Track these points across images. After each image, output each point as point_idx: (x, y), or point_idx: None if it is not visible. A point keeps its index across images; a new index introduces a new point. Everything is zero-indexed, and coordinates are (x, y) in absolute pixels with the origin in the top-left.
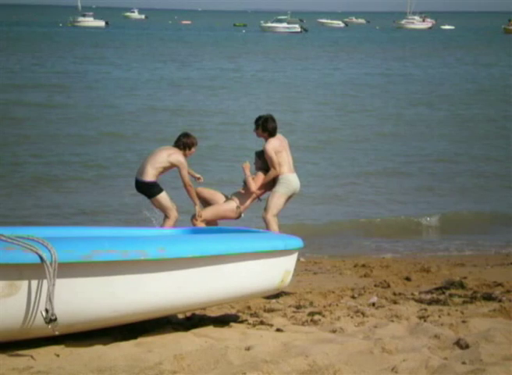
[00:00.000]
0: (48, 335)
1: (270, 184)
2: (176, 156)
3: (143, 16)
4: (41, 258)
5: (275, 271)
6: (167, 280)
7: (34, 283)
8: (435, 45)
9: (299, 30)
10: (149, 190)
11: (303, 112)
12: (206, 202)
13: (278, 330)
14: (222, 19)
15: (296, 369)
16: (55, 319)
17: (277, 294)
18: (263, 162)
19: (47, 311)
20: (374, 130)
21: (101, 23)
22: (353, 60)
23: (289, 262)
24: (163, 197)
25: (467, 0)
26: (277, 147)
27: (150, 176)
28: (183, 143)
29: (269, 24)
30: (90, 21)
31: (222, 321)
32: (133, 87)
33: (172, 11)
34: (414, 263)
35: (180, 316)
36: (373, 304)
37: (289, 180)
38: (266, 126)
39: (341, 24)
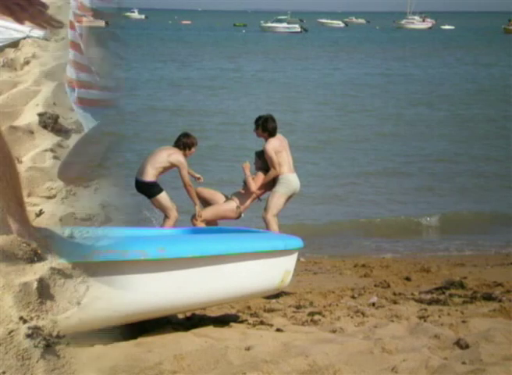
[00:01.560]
0: None
1: (270, 184)
2: (176, 156)
3: (143, 16)
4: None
5: (275, 271)
6: (167, 280)
7: None
8: (435, 45)
9: (299, 30)
10: (149, 190)
11: (303, 112)
12: (206, 202)
13: (278, 330)
14: (222, 19)
15: (296, 369)
16: None
17: (277, 294)
18: (263, 162)
19: None
20: (374, 130)
21: (101, 23)
22: (353, 60)
23: (289, 262)
24: (163, 197)
25: (467, 0)
26: (277, 147)
27: (150, 176)
28: (183, 143)
29: (269, 24)
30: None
31: (222, 321)
32: (133, 87)
33: (172, 11)
34: (414, 263)
35: (180, 316)
36: (373, 304)
37: (289, 180)
38: (266, 126)
39: (341, 24)
